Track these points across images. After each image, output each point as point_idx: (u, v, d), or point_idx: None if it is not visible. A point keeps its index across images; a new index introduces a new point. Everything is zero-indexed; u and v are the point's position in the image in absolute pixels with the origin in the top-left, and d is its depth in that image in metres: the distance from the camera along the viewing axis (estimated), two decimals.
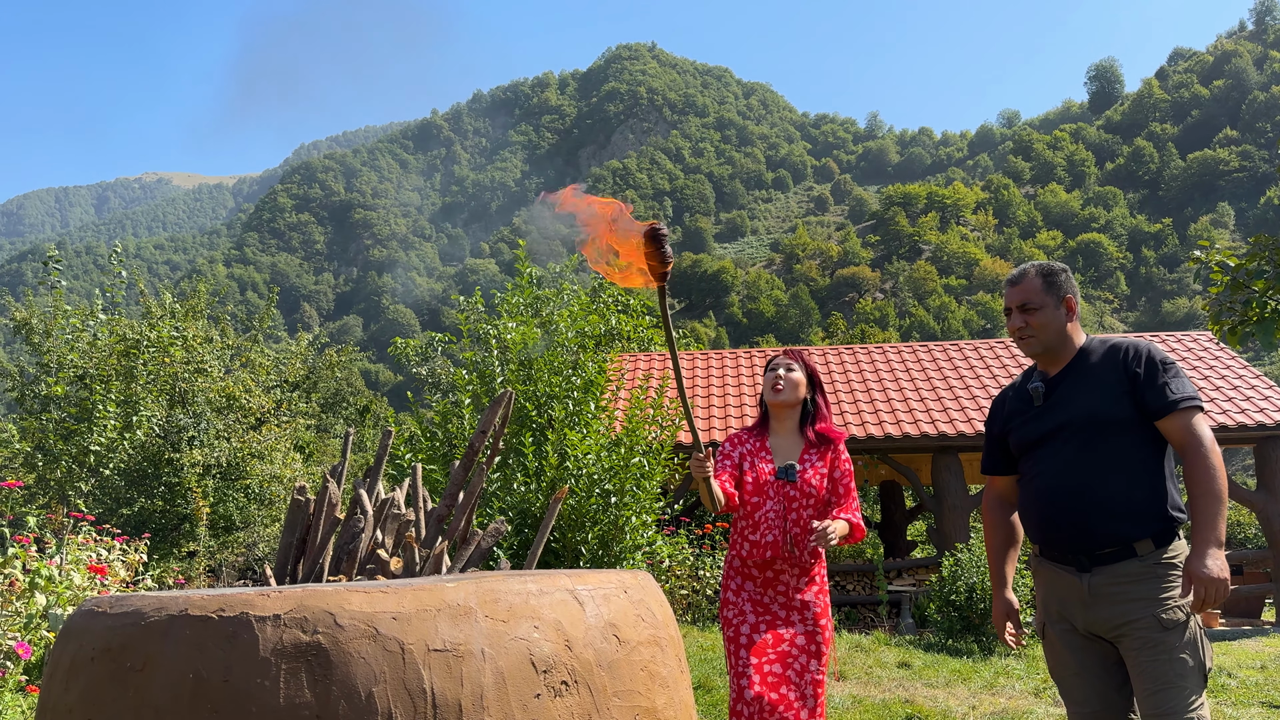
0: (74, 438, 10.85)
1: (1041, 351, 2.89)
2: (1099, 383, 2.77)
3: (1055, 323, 2.86)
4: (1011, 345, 15.85)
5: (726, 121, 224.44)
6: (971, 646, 9.02)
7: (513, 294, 9.39)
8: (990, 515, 3.10)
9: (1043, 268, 2.92)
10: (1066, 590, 2.77)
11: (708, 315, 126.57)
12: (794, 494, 3.46)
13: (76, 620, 1.87)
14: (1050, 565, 2.83)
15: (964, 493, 12.92)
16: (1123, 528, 2.66)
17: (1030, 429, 2.87)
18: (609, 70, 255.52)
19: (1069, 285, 2.90)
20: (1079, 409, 2.76)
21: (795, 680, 3.32)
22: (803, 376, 3.64)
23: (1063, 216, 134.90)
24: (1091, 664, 2.76)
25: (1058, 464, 2.76)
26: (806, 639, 3.40)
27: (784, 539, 3.43)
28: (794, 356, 3.70)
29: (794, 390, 3.60)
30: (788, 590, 3.46)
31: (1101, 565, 2.68)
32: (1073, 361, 2.87)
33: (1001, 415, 3.03)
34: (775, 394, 3.60)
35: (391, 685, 1.63)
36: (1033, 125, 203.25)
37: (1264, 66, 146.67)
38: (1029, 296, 2.88)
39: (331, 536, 2.91)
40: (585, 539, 7.42)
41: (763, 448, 3.60)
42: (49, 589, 4.88)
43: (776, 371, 3.64)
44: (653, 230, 2.63)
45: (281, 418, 13.84)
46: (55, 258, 11.86)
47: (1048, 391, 2.87)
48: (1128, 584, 2.64)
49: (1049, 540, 2.80)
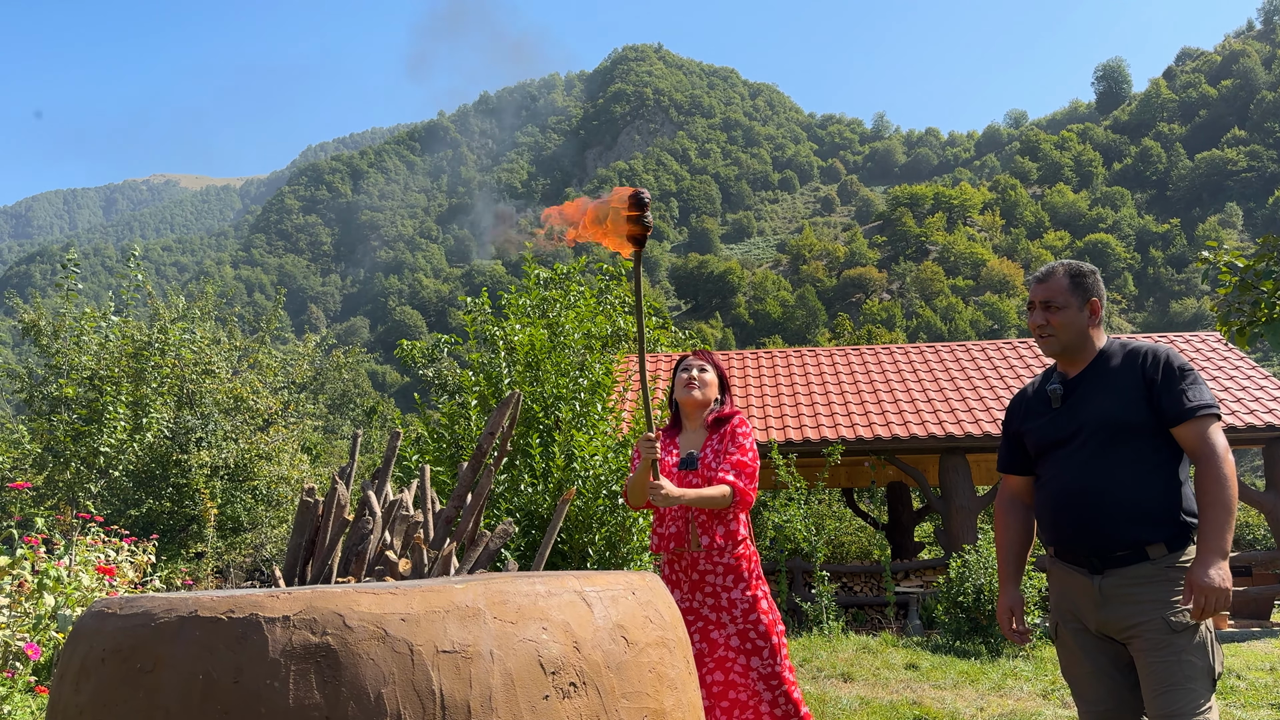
0: (83, 439, 10.89)
1: (1060, 351, 2.88)
2: (1117, 387, 2.76)
3: (1077, 324, 2.84)
4: (1019, 346, 15.81)
5: (733, 122, 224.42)
6: (979, 648, 9.00)
7: (519, 295, 9.39)
8: (1002, 513, 3.10)
9: (1072, 267, 2.89)
10: (1079, 591, 2.77)
11: (714, 316, 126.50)
12: (696, 481, 3.49)
13: (86, 621, 1.87)
14: (1063, 566, 2.83)
15: (971, 494, 12.89)
16: (1136, 531, 2.65)
17: (1048, 430, 2.86)
18: (615, 71, 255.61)
19: (1096, 288, 2.88)
20: (1096, 412, 2.75)
21: (740, 682, 3.36)
22: (714, 377, 3.70)
23: (1070, 217, 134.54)
24: (1104, 665, 2.75)
25: (1074, 466, 2.75)
26: (740, 639, 3.41)
27: (687, 529, 3.45)
28: (705, 358, 3.75)
29: (706, 389, 3.64)
30: (715, 591, 3.46)
31: (1114, 568, 2.68)
32: (1092, 364, 2.85)
33: (1019, 415, 3.02)
34: (687, 391, 3.64)
35: (400, 686, 1.64)
36: (1040, 125, 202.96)
37: (1272, 66, 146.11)
38: (1053, 295, 2.86)
39: (340, 538, 2.91)
40: (592, 540, 7.42)
41: (672, 444, 3.67)
42: (57, 590, 4.89)
43: (690, 371, 3.69)
44: (636, 193, 2.81)
45: (289, 419, 13.87)
46: (74, 261, 11.93)
47: (1066, 393, 2.86)
48: (1139, 586, 2.64)
49: (1062, 542, 2.80)
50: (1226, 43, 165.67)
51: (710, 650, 3.40)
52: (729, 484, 3.38)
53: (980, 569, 9.73)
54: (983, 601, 9.45)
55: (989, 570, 9.66)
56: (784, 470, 11.54)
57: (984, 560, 9.86)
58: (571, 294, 10.18)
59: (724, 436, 3.56)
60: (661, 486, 3.25)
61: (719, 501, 3.35)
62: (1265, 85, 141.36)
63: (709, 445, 3.57)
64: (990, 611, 9.36)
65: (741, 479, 3.41)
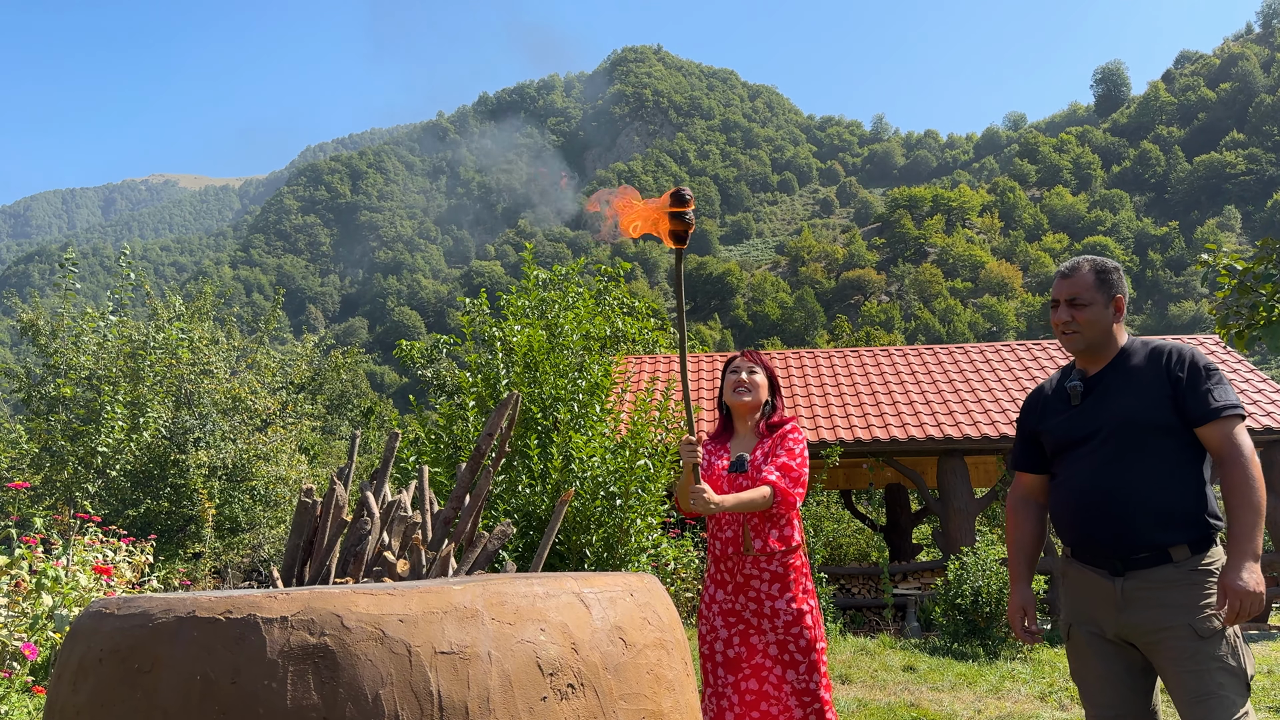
0: (81, 439, 10.88)
1: (1084, 349, 2.81)
2: (1139, 386, 2.69)
3: (1102, 321, 2.78)
4: (1017, 348, 15.83)
5: (732, 124, 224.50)
6: (977, 650, 9.00)
7: (519, 296, 9.38)
8: (1015, 512, 3.02)
9: (1097, 263, 2.82)
10: (1097, 594, 2.70)
11: (713, 317, 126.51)
12: (746, 485, 3.41)
13: (84, 622, 1.87)
14: (1081, 568, 2.76)
15: (969, 496, 12.89)
16: (1159, 533, 2.59)
17: (1066, 429, 2.79)
18: (615, 73, 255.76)
19: (1121, 285, 2.83)
20: (1117, 411, 2.69)
21: (774, 694, 3.30)
22: (764, 379, 3.65)
23: (1069, 219, 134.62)
24: (1117, 670, 2.69)
25: (1093, 466, 2.69)
26: (779, 648, 3.34)
27: (741, 533, 3.41)
28: (754, 359, 3.69)
29: (756, 392, 3.59)
30: (759, 596, 3.40)
31: (1135, 570, 2.61)
32: (1113, 362, 2.78)
33: (1036, 412, 2.94)
34: (737, 395, 3.60)
35: (398, 687, 1.64)
36: (1039, 128, 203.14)
37: (1271, 69, 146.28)
38: (1079, 291, 2.79)
39: (338, 539, 2.91)
40: (590, 541, 7.41)
41: (723, 448, 3.63)
42: (55, 590, 4.89)
43: (739, 374, 3.63)
44: (678, 191, 2.94)
45: (287, 419, 13.86)
46: (72, 260, 11.92)
47: (1086, 391, 2.79)
48: (1162, 590, 2.57)
49: (1081, 543, 2.73)
50: (1225, 46, 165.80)
51: (748, 655, 3.35)
52: (770, 483, 3.31)
53: (978, 571, 9.72)
54: (981, 604, 9.45)
55: (987, 572, 9.65)
56: None
57: (982, 562, 9.85)
58: (570, 295, 10.17)
59: (775, 440, 3.52)
60: (703, 491, 3.18)
61: (759, 504, 3.28)
62: (1264, 88, 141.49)
63: (759, 448, 3.52)
64: (988, 614, 9.35)
65: (785, 480, 3.34)
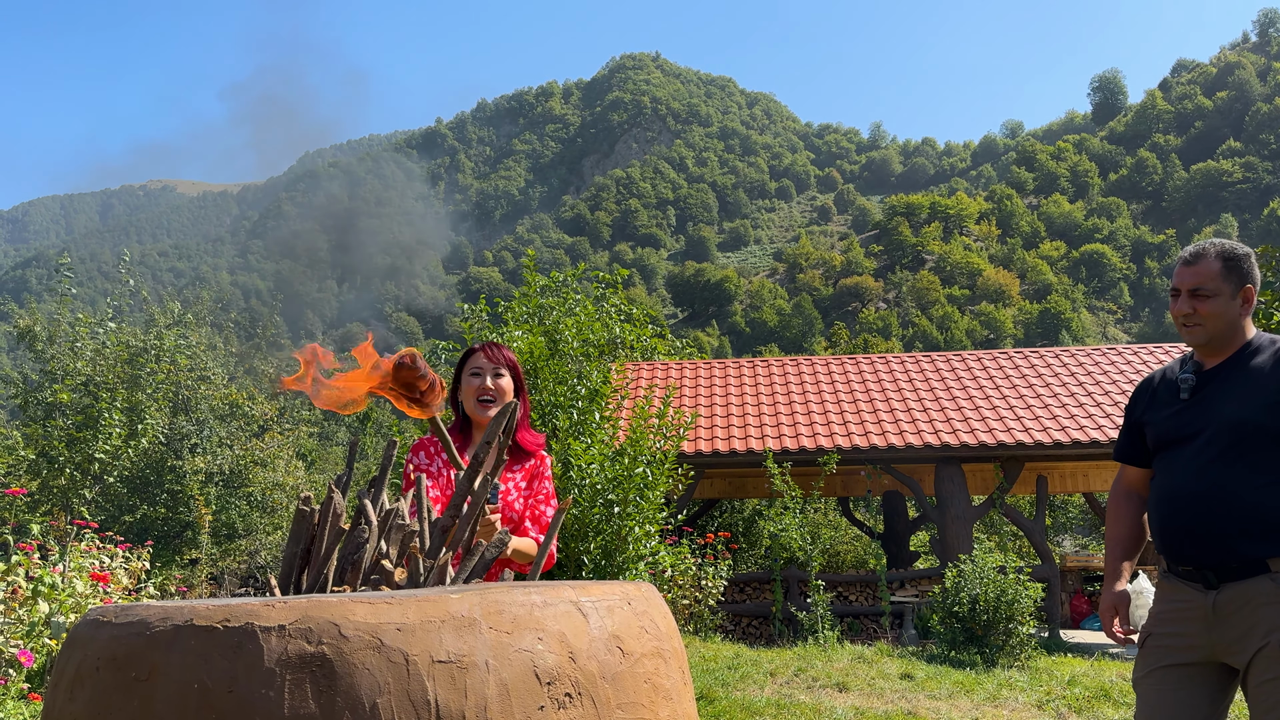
0: (78, 445, 10.87)
1: (1205, 342, 2.58)
2: (1256, 386, 2.48)
3: (1228, 314, 2.54)
4: (1014, 356, 15.83)
5: (730, 131, 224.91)
6: (974, 658, 8.99)
7: (518, 302, 9.39)
8: (1116, 505, 2.84)
9: (1225, 250, 2.56)
10: (1188, 613, 2.53)
11: (710, 324, 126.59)
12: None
13: (81, 629, 1.87)
14: (1175, 583, 2.60)
15: (967, 503, 12.90)
16: (1257, 543, 2.41)
17: (1171, 425, 2.60)
18: (613, 79, 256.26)
19: (1251, 273, 2.56)
20: (1228, 412, 2.49)
21: None
22: (510, 383, 3.01)
23: (1066, 227, 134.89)
24: (1196, 697, 2.52)
25: (1194, 467, 2.50)
26: None
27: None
28: (498, 357, 3.03)
29: (504, 399, 2.99)
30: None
31: (1230, 582, 2.44)
32: (1234, 356, 2.56)
33: (1143, 403, 2.75)
34: (482, 410, 2.97)
35: (395, 696, 1.64)
36: (1036, 136, 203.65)
37: (1267, 78, 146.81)
38: (1203, 281, 2.54)
39: (336, 547, 2.91)
40: (588, 549, 7.41)
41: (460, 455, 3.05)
42: (52, 596, 4.88)
43: (483, 379, 2.98)
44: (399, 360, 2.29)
45: (284, 425, 13.85)
46: (67, 265, 11.93)
47: (1198, 385, 2.59)
48: (1259, 605, 2.39)
49: (1172, 548, 2.57)
50: (1222, 55, 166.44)
51: None
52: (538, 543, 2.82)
53: (976, 579, 9.72)
54: (978, 612, 9.44)
55: (984, 580, 9.65)
56: (779, 479, 11.55)
57: (979, 570, 9.85)
58: (569, 301, 10.19)
59: (530, 475, 3.01)
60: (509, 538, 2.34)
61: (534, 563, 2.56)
62: (1260, 97, 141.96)
63: (510, 478, 2.98)
64: (985, 621, 9.34)
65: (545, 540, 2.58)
